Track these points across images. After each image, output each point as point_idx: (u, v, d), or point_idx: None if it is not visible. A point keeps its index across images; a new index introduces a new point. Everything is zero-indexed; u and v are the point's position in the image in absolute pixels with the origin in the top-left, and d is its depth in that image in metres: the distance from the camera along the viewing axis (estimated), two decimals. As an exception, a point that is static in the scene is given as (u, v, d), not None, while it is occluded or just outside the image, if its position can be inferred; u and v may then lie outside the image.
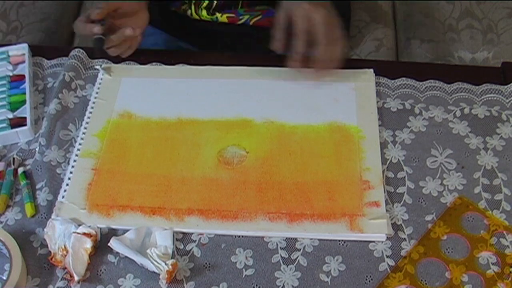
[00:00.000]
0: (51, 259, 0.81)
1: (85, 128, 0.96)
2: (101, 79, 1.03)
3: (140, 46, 1.06)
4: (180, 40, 1.23)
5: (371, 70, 1.02)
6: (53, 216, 0.86)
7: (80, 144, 0.94)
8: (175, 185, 0.89)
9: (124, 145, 0.94)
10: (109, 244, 0.81)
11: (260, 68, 1.03)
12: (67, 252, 0.80)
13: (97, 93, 1.01)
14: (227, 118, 0.97)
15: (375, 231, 0.84)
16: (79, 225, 0.83)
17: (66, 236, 0.81)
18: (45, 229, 0.82)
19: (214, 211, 0.87)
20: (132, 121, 0.97)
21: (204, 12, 1.11)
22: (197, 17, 1.14)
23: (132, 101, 1.00)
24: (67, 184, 0.90)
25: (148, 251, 0.80)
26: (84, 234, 0.81)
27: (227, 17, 1.15)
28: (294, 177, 0.89)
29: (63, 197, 0.88)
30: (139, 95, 1.01)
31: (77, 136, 0.95)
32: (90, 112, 0.98)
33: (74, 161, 0.92)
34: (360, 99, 0.98)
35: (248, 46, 1.16)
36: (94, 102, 1.00)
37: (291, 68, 0.96)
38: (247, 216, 0.86)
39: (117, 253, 0.83)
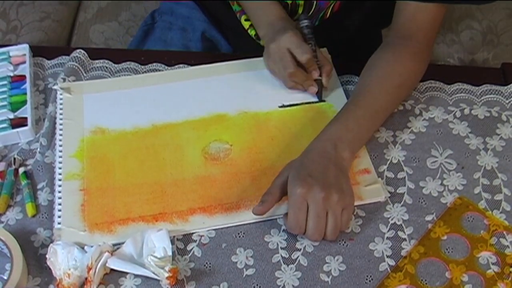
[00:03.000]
0: (58, 285, 0.79)
1: (60, 151, 0.93)
2: (61, 99, 1.00)
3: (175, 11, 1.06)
4: (214, 28, 1.19)
5: (325, 49, 1.06)
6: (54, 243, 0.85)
7: (60, 168, 0.91)
8: (170, 190, 0.89)
9: (105, 161, 0.92)
10: (107, 265, 0.80)
11: (223, 64, 1.04)
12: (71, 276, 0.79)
13: (61, 114, 0.98)
14: (201, 116, 0.98)
15: (372, 196, 0.87)
16: (82, 247, 0.82)
17: (70, 260, 0.79)
18: (47, 255, 0.80)
19: (216, 206, 0.87)
20: (106, 136, 0.95)
21: (253, 32, 1.09)
22: (246, 26, 1.10)
23: (100, 116, 0.98)
24: (59, 210, 0.87)
25: (145, 259, 0.80)
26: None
27: None
28: (282, 160, 0.90)
29: (59, 223, 0.85)
30: (106, 109, 0.99)
31: (55, 161, 0.93)
32: (60, 134, 0.95)
33: (59, 185, 0.89)
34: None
35: None
36: (61, 124, 0.97)
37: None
38: (248, 204, 0.87)
39: (118, 253, 0.83)
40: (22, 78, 1.03)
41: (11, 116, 0.97)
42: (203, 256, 0.83)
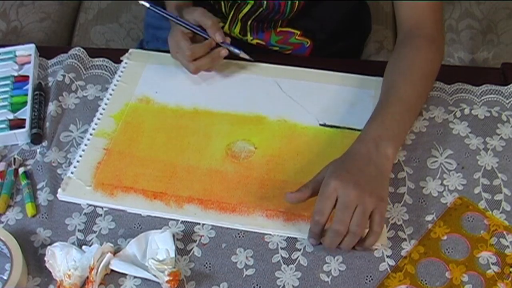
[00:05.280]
0: (59, 287, 0.79)
1: (103, 109, 0.98)
2: (126, 63, 1.05)
3: (159, 37, 1.08)
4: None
5: None
6: (59, 192, 0.88)
7: (96, 124, 0.96)
8: (180, 173, 0.91)
9: (138, 129, 0.96)
10: (110, 266, 0.80)
11: (280, 67, 1.03)
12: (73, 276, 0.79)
13: (120, 76, 1.03)
14: (241, 112, 0.98)
15: None
16: (80, 246, 0.82)
17: (69, 261, 0.79)
18: (45, 258, 0.80)
19: (213, 202, 0.87)
20: (149, 106, 0.99)
21: (236, 30, 1.10)
22: (227, 31, 1.11)
23: (152, 87, 1.02)
24: (78, 161, 0.92)
25: (146, 263, 0.80)
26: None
27: (257, 42, 1.12)
28: (297, 177, 0.89)
29: (72, 173, 0.90)
30: (160, 82, 1.02)
31: (88, 128, 0.96)
32: (111, 94, 1.00)
33: (88, 139, 0.95)
34: None
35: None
36: (115, 85, 1.01)
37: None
38: (245, 211, 0.86)
39: (118, 253, 0.83)
40: (25, 78, 1.03)
41: (11, 116, 0.97)
42: (203, 256, 0.83)
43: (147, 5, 0.97)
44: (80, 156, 0.93)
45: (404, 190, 0.88)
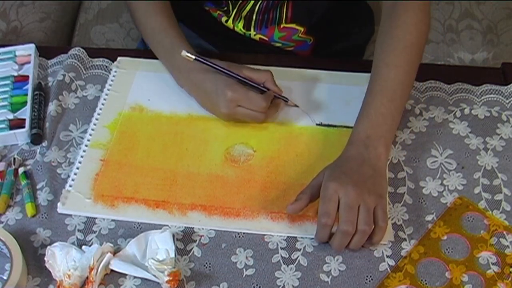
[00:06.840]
0: (58, 287, 0.79)
1: (97, 119, 0.97)
2: (115, 71, 1.04)
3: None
4: (201, 38, 1.19)
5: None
6: (58, 206, 0.87)
7: (90, 134, 0.95)
8: (181, 180, 0.90)
9: (134, 138, 0.95)
10: (109, 266, 0.80)
11: (273, 69, 1.02)
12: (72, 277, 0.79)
13: (110, 85, 1.02)
14: None
15: None
16: (80, 246, 0.82)
17: (69, 261, 0.79)
18: (45, 258, 0.80)
19: (217, 208, 0.87)
20: (143, 114, 0.98)
21: (240, 25, 1.09)
22: (231, 26, 1.11)
23: (144, 94, 1.01)
24: (75, 174, 0.91)
25: (146, 263, 0.80)
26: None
27: (260, 38, 1.11)
28: (299, 178, 0.89)
29: (70, 186, 0.89)
30: (152, 89, 1.02)
31: (87, 128, 0.96)
32: (103, 104, 0.99)
33: (84, 151, 0.93)
34: None
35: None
36: (107, 94, 1.01)
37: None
38: (249, 214, 0.86)
39: (118, 253, 0.83)
40: (25, 78, 1.03)
41: (11, 116, 0.97)
42: (203, 256, 0.83)
43: (192, 57, 0.93)
44: (77, 168, 0.91)
45: (404, 190, 0.88)
